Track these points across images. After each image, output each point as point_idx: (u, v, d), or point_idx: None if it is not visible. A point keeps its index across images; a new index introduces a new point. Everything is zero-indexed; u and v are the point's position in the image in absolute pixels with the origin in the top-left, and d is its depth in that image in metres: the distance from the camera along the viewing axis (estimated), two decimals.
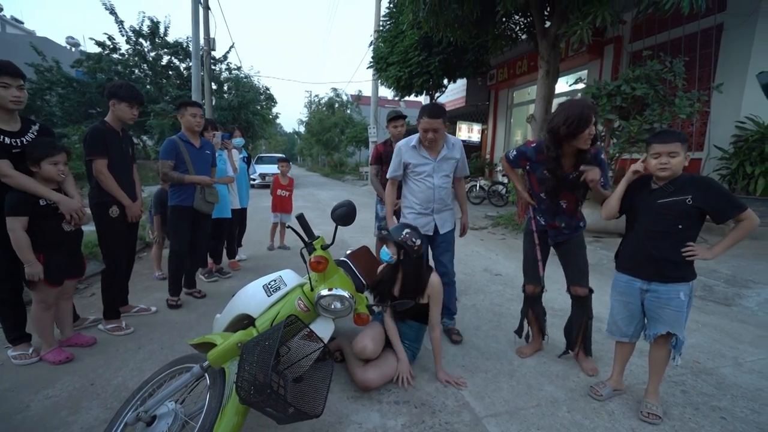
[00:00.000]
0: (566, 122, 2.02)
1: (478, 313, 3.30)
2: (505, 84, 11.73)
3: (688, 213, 1.80)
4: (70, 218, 2.27)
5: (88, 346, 2.52)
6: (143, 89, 16.02)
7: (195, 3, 10.56)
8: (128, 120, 2.73)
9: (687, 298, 1.87)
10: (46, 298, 2.29)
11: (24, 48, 16.91)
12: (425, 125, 2.45)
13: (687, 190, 1.80)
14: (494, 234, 6.96)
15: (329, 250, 1.77)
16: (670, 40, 6.93)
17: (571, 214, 2.33)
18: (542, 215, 2.40)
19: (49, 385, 2.10)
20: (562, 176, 2.21)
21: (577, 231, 2.36)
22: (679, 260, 1.83)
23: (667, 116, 5.38)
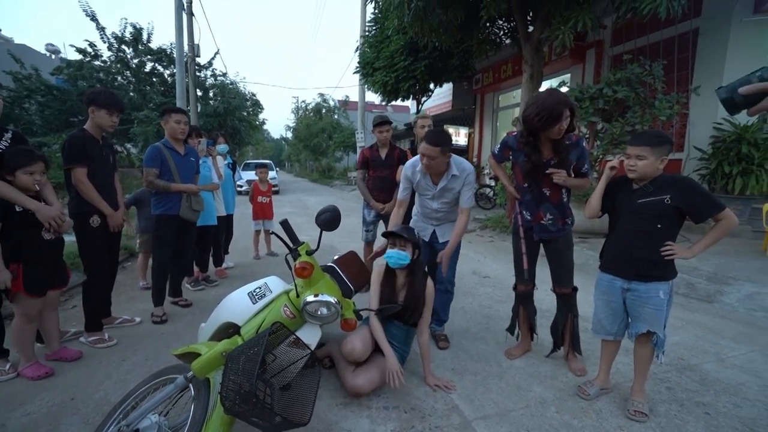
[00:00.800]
0: (538, 115, 2.06)
1: (466, 316, 3.31)
2: (491, 88, 11.88)
3: (667, 213, 1.83)
4: (49, 226, 2.22)
5: (73, 360, 2.45)
6: (126, 96, 15.80)
7: (178, 9, 10.47)
8: (108, 127, 2.68)
9: (666, 297, 1.90)
10: (28, 310, 2.22)
11: (2, 55, 16.48)
12: (422, 150, 2.38)
13: (666, 190, 1.84)
14: (482, 237, 7.01)
15: (315, 255, 1.75)
16: (649, 44, 7.12)
17: (557, 203, 2.31)
18: (527, 208, 2.38)
19: (27, 402, 2.03)
20: (540, 162, 2.23)
21: (564, 229, 2.36)
22: (658, 260, 1.87)
23: (648, 118, 5.52)
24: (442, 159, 2.38)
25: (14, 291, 2.15)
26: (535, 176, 2.29)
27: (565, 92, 6.35)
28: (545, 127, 2.08)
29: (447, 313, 2.79)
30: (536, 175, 2.28)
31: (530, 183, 2.33)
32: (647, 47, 7.08)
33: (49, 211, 2.21)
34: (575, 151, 2.21)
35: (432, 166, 2.40)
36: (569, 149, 2.19)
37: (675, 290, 3.88)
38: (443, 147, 2.35)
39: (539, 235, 2.39)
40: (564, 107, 2.03)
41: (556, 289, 2.44)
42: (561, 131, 2.09)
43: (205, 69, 18.39)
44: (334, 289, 1.67)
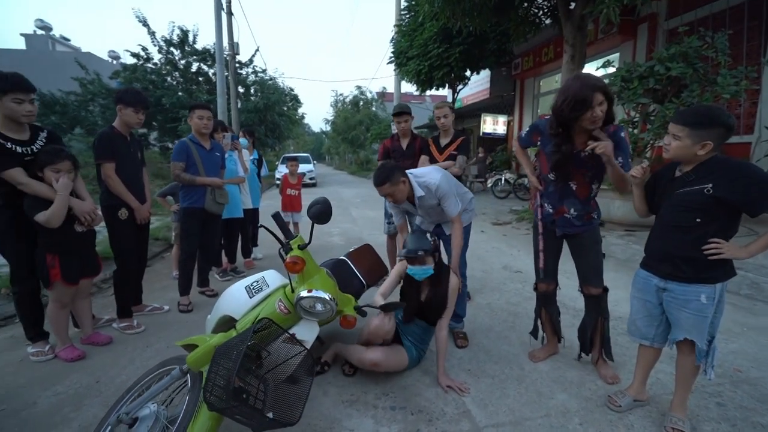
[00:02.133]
0: (564, 102, 1.85)
1: (491, 313, 3.14)
2: (531, 72, 11.25)
3: (708, 204, 1.56)
4: (84, 220, 2.34)
5: (103, 345, 2.60)
6: (175, 96, 16.72)
7: (218, 9, 10.84)
8: (134, 124, 2.79)
9: (711, 302, 1.63)
10: (62, 297, 2.37)
11: (71, 64, 18.01)
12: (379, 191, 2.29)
13: (709, 178, 1.56)
14: (518, 229, 6.67)
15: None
16: (712, 14, 6.35)
17: (583, 199, 2.08)
18: (549, 200, 2.17)
19: (59, 382, 2.17)
20: (570, 152, 1.99)
21: (590, 224, 2.11)
22: (698, 258, 1.61)
23: (708, 97, 4.91)
24: (399, 188, 2.26)
25: (53, 280, 2.30)
26: (564, 169, 2.06)
27: (610, 73, 5.85)
28: (575, 116, 1.85)
29: (463, 309, 2.65)
30: (565, 168, 2.05)
31: (557, 175, 2.10)
32: (710, 17, 6.32)
33: (83, 206, 2.34)
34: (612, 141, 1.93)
35: (398, 199, 2.30)
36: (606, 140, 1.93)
37: (737, 290, 3.43)
38: (392, 181, 2.23)
39: (562, 229, 2.16)
40: (592, 92, 1.80)
41: (584, 289, 2.21)
42: (595, 120, 1.85)
43: (246, 66, 19.03)
44: (330, 285, 1.60)
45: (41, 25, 31.99)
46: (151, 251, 4.83)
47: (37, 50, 29.79)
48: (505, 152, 12.46)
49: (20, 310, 2.44)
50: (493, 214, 8.05)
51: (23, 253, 2.29)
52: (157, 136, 18.25)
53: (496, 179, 10.38)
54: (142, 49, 16.84)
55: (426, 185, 2.32)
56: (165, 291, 3.65)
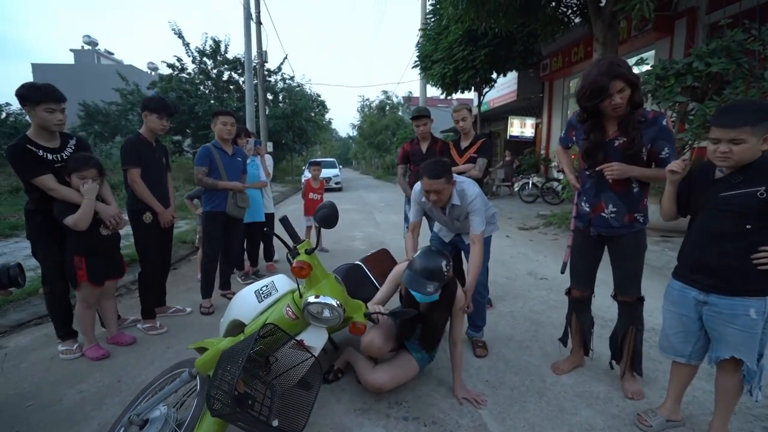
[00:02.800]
0: (581, 91, 1.77)
1: (513, 321, 3.01)
2: (560, 73, 10.90)
3: (759, 209, 1.42)
4: (109, 224, 2.44)
5: (127, 345, 2.68)
6: (207, 104, 17.40)
7: (246, 19, 11.19)
8: (159, 130, 2.88)
9: (761, 317, 1.48)
10: (88, 297, 2.47)
11: (114, 76, 19.18)
12: (425, 186, 2.13)
13: (761, 179, 1.41)
14: (545, 234, 6.44)
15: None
16: (759, 5, 5.92)
17: (621, 194, 1.89)
18: (586, 196, 2.02)
19: (84, 380, 2.25)
20: (599, 140, 1.87)
21: (633, 227, 1.91)
22: (747, 269, 1.46)
23: (755, 93, 4.56)
24: (449, 188, 2.15)
25: (80, 281, 2.40)
26: (594, 156, 1.90)
27: (644, 71, 5.55)
28: (592, 104, 1.77)
29: (483, 318, 2.54)
30: (595, 156, 1.90)
31: (590, 165, 1.95)
32: (756, 9, 5.89)
33: (108, 210, 2.43)
34: (650, 130, 1.78)
35: (441, 199, 2.14)
36: (642, 127, 1.78)
37: None
38: (447, 177, 2.10)
39: (597, 229, 1.98)
40: (609, 79, 1.69)
41: (618, 296, 2.07)
42: (616, 107, 1.74)
43: (274, 74, 19.57)
44: (338, 291, 1.56)
45: (88, 40, 34.25)
46: (177, 254, 5.01)
47: (84, 64, 31.89)
48: (532, 155, 12.13)
49: (51, 310, 2.55)
50: (519, 218, 7.82)
51: (53, 256, 2.40)
52: (191, 143, 19.04)
53: (524, 183, 10.09)
54: (177, 60, 17.66)
55: (463, 194, 2.23)
56: (188, 293, 3.74)
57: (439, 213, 2.39)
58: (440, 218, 2.46)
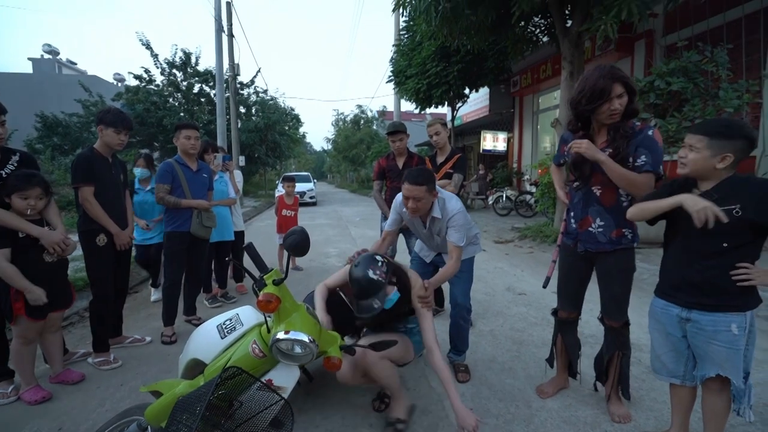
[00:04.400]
0: (581, 93, 1.74)
1: (495, 341, 2.93)
2: (530, 90, 11.27)
3: (737, 228, 1.41)
4: (53, 251, 2.19)
5: (74, 384, 2.40)
6: (176, 116, 16.85)
7: (218, 31, 10.99)
8: (116, 146, 2.67)
9: (743, 332, 1.46)
10: (26, 332, 2.19)
11: (76, 86, 18.29)
12: (405, 192, 2.03)
13: (735, 198, 1.41)
14: (521, 247, 6.48)
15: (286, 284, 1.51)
16: (709, 29, 6.32)
17: (609, 207, 1.83)
18: (574, 211, 1.96)
19: (19, 430, 1.97)
20: None
21: (619, 243, 1.84)
22: (726, 286, 1.45)
23: (711, 110, 4.82)
24: (429, 198, 2.06)
25: (17, 314, 2.13)
26: (582, 169, 1.87)
27: None
28: (592, 108, 1.74)
29: (465, 342, 2.44)
30: (582, 168, 1.86)
31: (577, 178, 1.92)
32: (707, 33, 6.29)
33: (52, 236, 2.18)
34: (637, 139, 1.73)
35: (419, 208, 2.04)
36: (629, 137, 1.74)
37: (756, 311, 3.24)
38: (429, 186, 2.02)
39: (584, 245, 1.91)
40: (612, 82, 1.68)
41: (604, 319, 2.00)
42: (614, 113, 1.72)
43: (247, 87, 19.27)
44: (311, 324, 1.42)
45: (48, 49, 32.68)
46: (139, 276, 4.68)
47: (44, 74, 30.29)
48: (505, 169, 12.38)
49: None
50: (494, 231, 7.88)
51: None
52: (159, 156, 18.32)
53: (498, 196, 10.25)
54: (144, 71, 17.09)
55: (444, 208, 2.14)
56: (149, 320, 3.46)
57: (419, 226, 2.29)
58: (420, 232, 2.36)
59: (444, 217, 2.14)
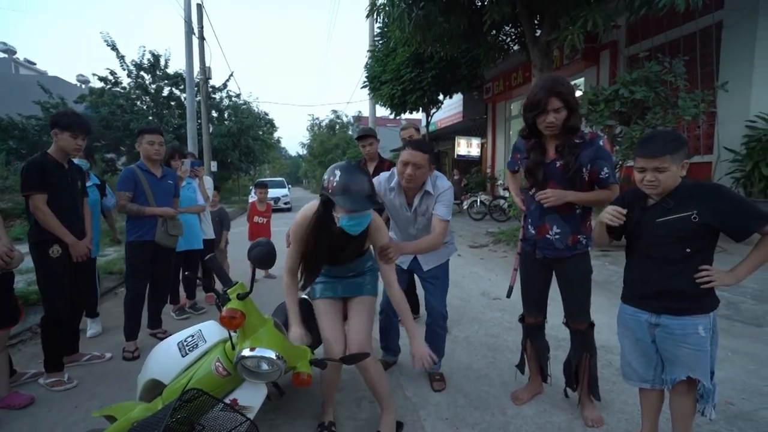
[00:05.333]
0: (526, 103, 1.79)
1: (470, 348, 2.93)
2: (502, 96, 11.53)
3: (696, 233, 1.46)
4: None
5: (22, 408, 2.21)
6: (144, 120, 16.22)
7: (188, 33, 10.68)
8: (72, 151, 2.51)
9: (708, 333, 1.50)
10: None
11: (34, 87, 17.29)
12: (406, 157, 2.02)
13: (691, 204, 1.46)
14: (495, 251, 6.58)
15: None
16: (667, 41, 6.67)
17: (566, 215, 1.88)
18: (531, 218, 1.98)
19: None
20: (540, 160, 1.87)
21: (575, 248, 1.89)
22: (692, 290, 1.49)
23: (671, 119, 5.06)
24: (426, 171, 2.06)
25: None
26: (535, 176, 1.89)
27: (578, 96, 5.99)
28: (531, 116, 1.79)
29: (441, 351, 2.42)
30: (536, 175, 1.88)
31: (532, 185, 1.93)
32: (666, 45, 6.63)
33: None
34: (588, 150, 1.78)
35: (416, 177, 2.02)
36: (578, 149, 1.79)
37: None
38: (430, 159, 2.03)
39: (543, 252, 1.95)
40: (548, 96, 1.71)
41: (569, 323, 2.04)
42: (549, 125, 1.76)
43: (219, 91, 18.83)
44: (278, 340, 1.35)
45: (4, 48, 30.92)
46: (102, 286, 4.42)
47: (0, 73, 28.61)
48: (480, 174, 12.59)
49: None
50: (469, 236, 7.97)
51: None
52: (126, 161, 17.57)
53: (472, 201, 10.39)
54: (110, 72, 16.42)
55: (436, 185, 2.13)
56: (112, 334, 3.25)
57: (402, 209, 2.21)
58: (402, 216, 2.26)
59: (435, 192, 2.13)
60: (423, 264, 2.31)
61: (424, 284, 2.39)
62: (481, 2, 6.62)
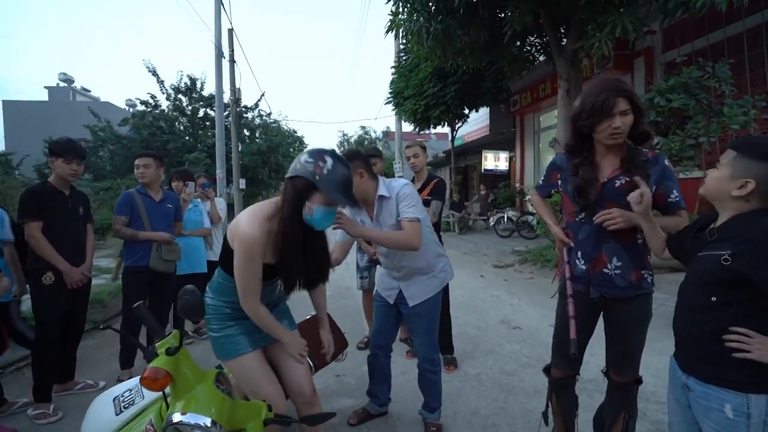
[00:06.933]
0: (582, 108, 1.50)
1: (480, 388, 2.63)
2: (530, 109, 11.12)
3: (724, 279, 1.09)
4: None
5: None
6: (180, 140, 17.06)
7: (218, 57, 11.15)
8: (68, 176, 2.52)
9: (743, 419, 1.08)
10: None
11: (87, 112, 18.69)
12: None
13: (732, 241, 1.10)
14: (521, 272, 6.17)
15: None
16: (709, 45, 6.14)
17: (627, 244, 1.53)
18: (581, 249, 1.60)
19: None
20: (591, 176, 1.54)
21: (640, 287, 1.53)
22: (721, 351, 1.11)
23: (716, 128, 4.56)
24: (365, 178, 1.88)
25: None
26: (587, 197, 1.54)
27: None
28: (591, 123, 1.48)
29: (438, 398, 2.12)
30: (588, 195, 1.54)
31: (583, 210, 1.58)
32: (708, 48, 6.10)
33: None
34: (654, 170, 1.49)
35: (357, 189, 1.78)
36: (644, 167, 1.48)
37: None
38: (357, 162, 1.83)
39: (599, 290, 1.57)
40: (615, 95, 1.42)
41: (611, 373, 1.69)
42: (615, 132, 1.44)
43: (251, 110, 19.55)
44: (217, 400, 1.16)
45: (64, 78, 33.89)
46: (116, 308, 4.47)
47: (57, 101, 31.29)
48: (507, 189, 12.13)
49: None
50: (494, 255, 7.58)
51: None
52: (164, 180, 18.49)
53: (499, 217, 9.97)
54: (150, 96, 17.50)
55: (391, 186, 1.92)
56: (109, 361, 3.21)
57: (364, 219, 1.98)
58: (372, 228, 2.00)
59: (392, 192, 1.90)
60: (408, 298, 2.02)
61: (409, 324, 2.13)
62: (502, 13, 6.41)
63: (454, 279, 2.24)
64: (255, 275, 1.41)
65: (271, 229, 1.41)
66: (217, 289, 1.55)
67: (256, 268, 1.40)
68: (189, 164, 15.76)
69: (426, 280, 2.02)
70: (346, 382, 2.75)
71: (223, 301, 1.51)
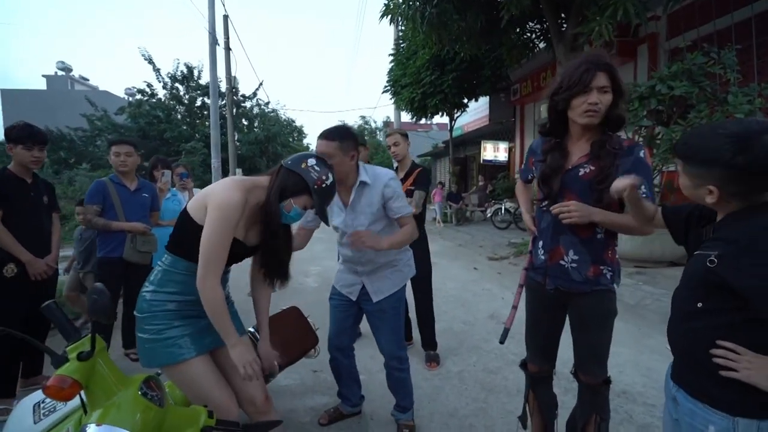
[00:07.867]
0: (562, 81, 1.38)
1: (461, 387, 2.53)
2: (530, 98, 10.87)
3: (710, 283, 0.96)
4: None
5: None
6: (177, 129, 16.91)
7: (212, 45, 10.93)
8: (30, 163, 2.39)
9: None
10: None
11: (85, 101, 18.49)
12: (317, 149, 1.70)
13: (721, 240, 0.97)
14: (516, 265, 6.04)
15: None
16: (716, 30, 5.89)
17: (585, 238, 1.45)
18: (542, 239, 1.55)
19: None
20: (558, 165, 1.46)
21: (598, 283, 1.45)
22: (707, 366, 0.97)
23: (719, 116, 4.37)
24: (343, 161, 1.67)
25: None
26: (550, 186, 1.47)
27: None
28: (567, 97, 1.36)
29: (408, 396, 2.01)
30: (551, 185, 1.47)
31: (545, 197, 1.51)
32: (714, 34, 5.86)
33: None
34: (626, 160, 1.37)
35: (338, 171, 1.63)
36: (614, 156, 1.37)
37: None
38: (342, 142, 1.65)
39: (554, 281, 1.50)
40: (594, 69, 1.30)
41: (578, 374, 1.60)
42: (590, 109, 1.32)
43: (249, 99, 19.34)
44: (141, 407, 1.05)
45: (62, 66, 33.65)
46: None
47: (56, 90, 31.14)
48: (506, 180, 11.95)
49: None
50: (490, 247, 7.45)
51: None
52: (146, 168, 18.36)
53: (497, 208, 9.82)
54: (147, 85, 17.30)
55: (376, 174, 1.78)
56: None
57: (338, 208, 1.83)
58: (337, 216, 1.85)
59: (376, 181, 1.76)
60: (373, 294, 1.88)
61: (369, 319, 1.98)
62: None
63: (446, 271, 2.15)
64: (224, 246, 1.30)
65: (249, 200, 1.36)
66: (162, 279, 1.40)
67: (227, 237, 1.30)
68: (186, 153, 15.66)
69: (391, 274, 1.90)
70: (323, 378, 2.65)
71: (166, 293, 1.37)
